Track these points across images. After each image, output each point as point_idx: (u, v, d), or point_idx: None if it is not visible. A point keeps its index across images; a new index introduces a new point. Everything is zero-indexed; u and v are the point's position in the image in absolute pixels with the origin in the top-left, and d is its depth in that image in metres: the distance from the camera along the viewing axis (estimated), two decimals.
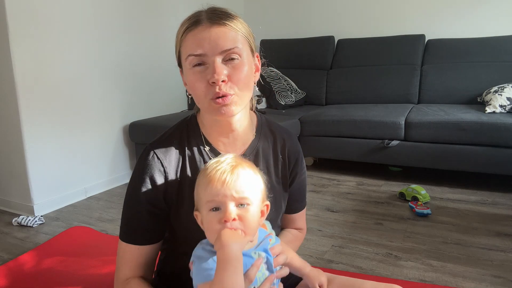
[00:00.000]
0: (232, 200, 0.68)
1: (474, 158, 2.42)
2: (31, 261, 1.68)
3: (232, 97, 0.76)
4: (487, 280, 1.46)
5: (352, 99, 3.32)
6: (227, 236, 0.66)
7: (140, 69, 2.88)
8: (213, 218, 0.69)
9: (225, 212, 0.67)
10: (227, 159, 0.73)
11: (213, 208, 0.69)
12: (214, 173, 0.70)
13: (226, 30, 0.75)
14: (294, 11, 3.88)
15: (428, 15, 3.35)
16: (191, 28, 0.76)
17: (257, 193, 0.72)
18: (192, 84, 0.77)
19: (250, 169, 0.73)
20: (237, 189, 0.68)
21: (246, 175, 0.71)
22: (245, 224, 0.68)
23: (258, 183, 0.74)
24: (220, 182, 0.68)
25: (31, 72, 2.16)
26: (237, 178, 0.69)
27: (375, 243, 1.78)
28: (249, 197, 0.69)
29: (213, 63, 0.74)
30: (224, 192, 0.68)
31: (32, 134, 2.19)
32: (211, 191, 0.69)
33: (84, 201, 2.48)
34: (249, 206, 0.70)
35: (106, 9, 2.60)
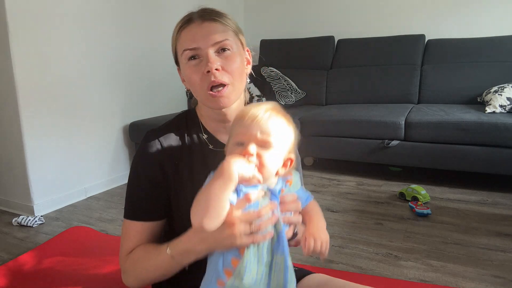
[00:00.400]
0: (256, 139, 0.72)
1: (474, 158, 2.42)
2: (31, 261, 1.68)
3: (227, 87, 0.81)
4: (487, 280, 1.46)
5: (352, 99, 3.32)
6: (232, 157, 0.70)
7: (140, 69, 2.88)
8: (235, 151, 0.73)
9: (246, 147, 0.71)
10: (268, 104, 0.77)
11: (238, 143, 0.73)
12: (248, 111, 0.74)
13: (216, 25, 0.82)
14: (294, 11, 3.88)
15: (428, 15, 3.35)
16: (184, 26, 0.83)
17: (283, 141, 0.74)
18: (189, 77, 0.83)
19: (283, 119, 0.76)
20: (263, 130, 0.72)
21: (276, 121, 0.74)
22: (262, 163, 0.71)
23: (287, 133, 0.76)
24: (250, 120, 0.72)
25: (31, 72, 2.16)
26: (266, 120, 0.72)
27: (375, 243, 1.78)
28: (272, 141, 0.72)
29: (207, 54, 0.80)
30: (251, 130, 0.72)
31: (32, 134, 2.19)
32: (240, 126, 0.73)
33: (84, 201, 2.48)
34: (271, 149, 0.72)
35: (106, 9, 2.60)
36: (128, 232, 0.88)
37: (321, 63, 3.59)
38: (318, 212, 0.84)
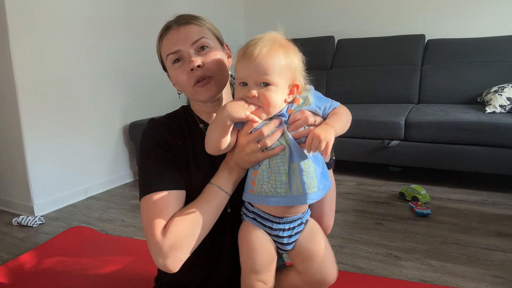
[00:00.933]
0: (255, 79, 0.78)
1: (474, 158, 2.42)
2: (31, 261, 1.68)
3: (211, 79, 0.88)
4: (487, 280, 1.46)
5: (352, 99, 3.32)
6: (230, 105, 0.79)
7: (140, 69, 2.88)
8: (240, 90, 0.80)
9: (249, 90, 0.78)
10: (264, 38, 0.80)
11: (241, 83, 0.80)
12: (245, 49, 0.78)
13: (191, 27, 0.90)
14: (294, 11, 3.88)
15: (428, 15, 3.35)
16: (164, 34, 0.92)
17: (282, 74, 0.78)
18: (177, 78, 0.90)
19: (280, 50, 0.79)
20: (260, 70, 0.76)
21: (273, 58, 0.77)
22: (264, 101, 0.78)
23: (286, 66, 0.79)
24: (247, 60, 0.77)
25: (31, 72, 2.16)
26: (262, 59, 0.76)
27: (375, 243, 1.78)
28: (271, 79, 0.77)
29: (188, 54, 0.88)
30: (249, 71, 0.77)
31: (32, 134, 2.19)
32: (240, 65, 0.79)
33: (84, 201, 2.48)
34: (271, 86, 0.78)
35: (106, 9, 2.60)
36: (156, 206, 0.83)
37: (321, 63, 3.59)
38: (337, 115, 0.86)
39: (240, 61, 0.79)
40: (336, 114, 0.86)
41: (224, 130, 0.80)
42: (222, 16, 3.76)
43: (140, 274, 1.49)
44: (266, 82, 0.77)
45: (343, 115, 0.88)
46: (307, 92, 0.86)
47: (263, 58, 0.76)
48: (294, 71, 0.81)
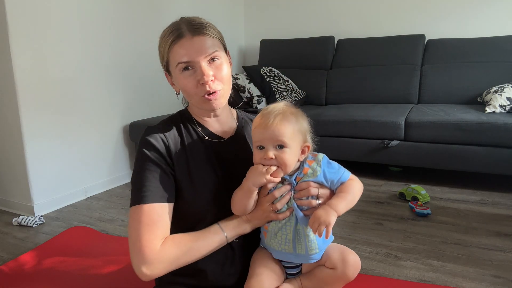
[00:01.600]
0: (271, 142, 0.88)
1: (474, 158, 2.42)
2: (31, 261, 1.68)
3: (220, 92, 0.93)
4: (487, 280, 1.46)
5: (352, 99, 3.32)
6: (250, 172, 0.90)
7: (140, 69, 2.88)
8: (257, 154, 0.90)
9: (266, 153, 0.88)
10: (277, 107, 0.91)
11: (258, 146, 0.90)
12: (261, 118, 0.89)
13: (206, 38, 0.92)
14: (294, 11, 3.88)
15: (428, 15, 3.35)
16: (176, 41, 0.92)
17: (295, 137, 0.89)
18: (184, 85, 0.93)
19: (292, 118, 0.89)
20: (275, 135, 0.87)
21: (285, 124, 0.87)
22: (281, 162, 0.88)
23: (298, 130, 0.90)
24: (263, 127, 0.88)
25: (31, 72, 2.16)
26: (277, 126, 0.86)
27: (375, 243, 1.78)
28: (286, 141, 0.87)
29: (200, 67, 0.90)
30: (266, 136, 0.88)
31: (32, 134, 2.19)
32: (258, 132, 0.89)
33: (84, 201, 2.48)
34: (286, 148, 0.88)
35: (106, 9, 2.60)
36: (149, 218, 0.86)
37: (321, 63, 3.59)
38: (343, 193, 0.91)
39: (257, 128, 0.89)
40: (342, 192, 0.92)
41: (250, 196, 0.91)
42: (222, 16, 3.76)
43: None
44: (281, 144, 0.87)
45: (349, 193, 0.92)
46: (317, 164, 0.94)
47: (278, 124, 0.87)
48: (305, 133, 0.92)
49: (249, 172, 0.91)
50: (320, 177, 0.92)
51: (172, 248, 0.87)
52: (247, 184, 0.90)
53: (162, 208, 0.89)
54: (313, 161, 0.94)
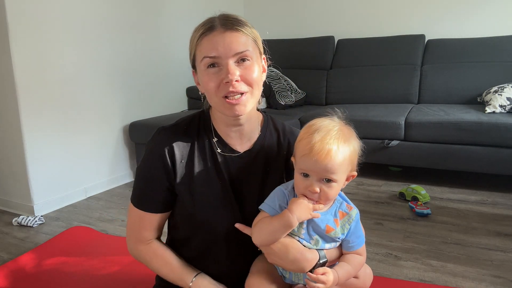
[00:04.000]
0: (320, 175, 0.80)
1: (474, 158, 2.42)
2: (31, 261, 1.68)
3: (245, 95, 0.84)
4: (487, 280, 1.46)
5: (352, 99, 3.32)
6: (296, 206, 0.81)
7: (140, 69, 2.88)
8: (301, 181, 0.82)
9: (311, 185, 0.81)
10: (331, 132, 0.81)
11: (303, 173, 0.82)
12: (313, 145, 0.79)
13: (238, 35, 0.83)
14: (294, 11, 3.88)
15: (428, 15, 3.35)
16: (206, 33, 0.84)
17: (345, 169, 0.82)
18: (206, 83, 0.85)
19: (346, 146, 0.81)
20: (327, 168, 0.79)
21: (340, 157, 0.79)
22: (324, 197, 0.82)
23: (350, 158, 0.82)
24: (315, 157, 0.78)
25: (31, 72, 2.16)
26: (331, 159, 0.78)
27: (375, 243, 1.78)
28: (335, 177, 0.80)
29: (227, 65, 0.82)
30: (316, 167, 0.79)
31: (32, 134, 2.19)
32: (305, 161, 0.80)
33: (84, 201, 2.48)
34: (334, 183, 0.81)
35: (106, 9, 2.60)
36: (135, 218, 0.97)
37: (321, 63, 3.59)
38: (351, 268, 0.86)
39: (307, 156, 0.79)
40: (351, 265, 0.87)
41: (289, 229, 0.82)
42: None
43: (140, 274, 1.49)
44: (330, 179, 0.80)
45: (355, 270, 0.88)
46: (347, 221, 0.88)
47: (331, 158, 0.78)
48: (354, 162, 0.84)
49: (294, 206, 0.81)
50: (343, 236, 0.87)
51: (147, 257, 0.98)
52: (292, 218, 0.80)
53: (149, 217, 0.95)
54: (346, 215, 0.87)
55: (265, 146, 0.97)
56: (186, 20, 3.18)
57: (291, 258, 0.82)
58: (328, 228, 0.85)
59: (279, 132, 1.01)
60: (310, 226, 0.85)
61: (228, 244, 0.95)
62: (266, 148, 0.97)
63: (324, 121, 0.84)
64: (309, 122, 0.86)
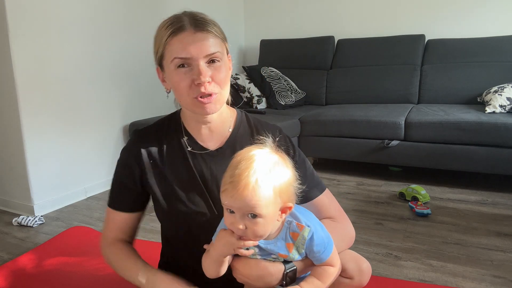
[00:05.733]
0: (243, 211, 0.74)
1: (474, 158, 2.42)
2: (31, 261, 1.68)
3: (216, 95, 0.85)
4: (487, 280, 1.46)
5: (352, 99, 3.32)
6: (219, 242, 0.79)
7: (140, 69, 2.88)
8: (227, 217, 0.77)
9: (235, 222, 0.75)
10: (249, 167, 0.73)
11: (228, 210, 0.76)
12: (231, 182, 0.73)
13: (209, 36, 0.84)
14: (294, 11, 3.88)
15: (428, 15, 3.35)
16: (176, 33, 0.83)
17: (274, 203, 0.74)
18: (176, 83, 0.85)
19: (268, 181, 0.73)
20: (245, 205, 0.72)
21: (263, 189, 0.72)
22: (251, 233, 0.75)
23: (278, 191, 0.74)
24: (231, 194, 0.73)
25: (31, 72, 2.16)
26: (248, 195, 0.71)
27: (375, 243, 1.78)
28: (260, 212, 0.73)
29: (198, 66, 0.82)
30: (235, 204, 0.73)
31: (32, 134, 2.19)
32: (224, 198, 0.75)
33: (84, 201, 2.48)
34: (259, 219, 0.74)
35: (106, 9, 2.60)
36: (107, 219, 1.02)
37: (321, 63, 3.59)
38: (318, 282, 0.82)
39: (226, 192, 0.73)
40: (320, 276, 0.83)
41: (221, 265, 0.81)
42: (222, 16, 3.76)
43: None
44: (254, 214, 0.73)
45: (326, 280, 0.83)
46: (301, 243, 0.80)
47: (249, 193, 0.71)
48: (286, 193, 0.76)
49: (217, 240, 0.79)
50: (301, 256, 0.82)
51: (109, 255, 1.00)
52: (214, 254, 0.79)
53: (114, 214, 1.00)
54: (298, 235, 0.80)
55: (238, 142, 0.96)
56: None
57: (255, 276, 0.81)
58: (281, 256, 0.82)
59: (253, 128, 1.00)
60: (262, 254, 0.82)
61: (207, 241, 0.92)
62: (240, 144, 0.95)
63: (250, 150, 0.77)
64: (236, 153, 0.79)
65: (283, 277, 0.81)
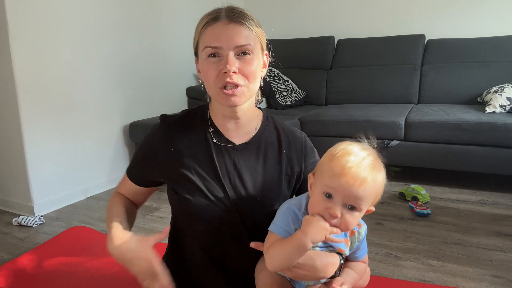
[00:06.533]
0: (346, 201, 0.74)
1: (474, 158, 2.42)
2: (31, 261, 1.68)
3: (241, 88, 0.85)
4: (487, 280, 1.46)
5: (352, 99, 3.32)
6: (312, 228, 0.73)
7: (140, 69, 2.88)
8: (322, 201, 0.76)
9: (333, 208, 0.74)
10: (367, 159, 0.76)
11: (326, 193, 0.75)
12: (349, 170, 0.73)
13: (241, 28, 0.85)
14: (294, 11, 3.88)
15: (428, 15, 3.35)
16: (210, 23, 0.85)
17: (370, 201, 0.77)
18: (205, 72, 0.87)
19: (378, 179, 0.76)
20: (356, 196, 0.74)
21: (373, 186, 0.75)
22: (344, 224, 0.76)
23: (377, 193, 0.78)
24: (349, 183, 0.73)
25: (31, 72, 2.16)
26: (365, 187, 0.73)
27: (375, 243, 1.78)
28: (361, 206, 0.75)
29: (227, 55, 0.83)
30: (344, 191, 0.74)
31: (32, 134, 2.19)
32: (336, 182, 0.74)
33: (84, 201, 2.48)
34: (356, 212, 0.76)
35: (106, 9, 2.60)
36: (123, 179, 1.07)
37: (321, 63, 3.59)
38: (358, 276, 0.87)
39: (338, 178, 0.74)
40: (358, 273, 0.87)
41: (304, 252, 0.75)
42: None
43: None
44: (355, 206, 0.75)
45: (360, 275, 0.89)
46: (357, 238, 0.86)
47: (365, 187, 0.73)
48: (378, 196, 0.80)
49: (308, 226, 0.74)
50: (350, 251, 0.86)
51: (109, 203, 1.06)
52: (304, 240, 0.73)
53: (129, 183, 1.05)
54: (355, 233, 0.85)
55: (263, 141, 0.97)
56: (187, 20, 3.18)
57: (319, 267, 0.79)
58: (340, 250, 0.84)
59: (279, 131, 1.01)
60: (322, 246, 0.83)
61: (222, 234, 0.94)
62: (264, 144, 0.97)
63: (357, 146, 0.80)
64: (339, 144, 0.82)
65: (339, 267, 0.83)
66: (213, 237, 0.94)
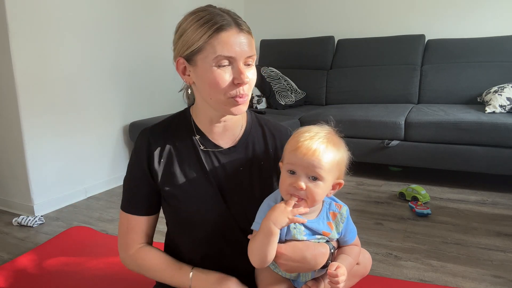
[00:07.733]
0: (306, 172, 0.80)
1: (474, 158, 2.42)
2: (31, 261, 1.68)
3: (247, 97, 0.87)
4: (487, 280, 1.46)
5: (352, 99, 3.32)
6: (274, 212, 0.79)
7: (140, 69, 2.88)
8: (286, 178, 0.82)
9: (297, 181, 0.80)
10: (321, 133, 0.83)
11: (290, 170, 0.81)
12: (303, 142, 0.80)
13: (250, 38, 0.85)
14: (294, 11, 3.88)
15: (428, 15, 3.35)
16: (221, 30, 0.81)
17: (333, 172, 0.82)
18: (215, 80, 0.82)
19: (335, 150, 0.82)
20: (314, 164, 0.79)
21: (328, 156, 0.80)
22: (310, 195, 0.80)
23: (338, 162, 0.83)
24: (303, 153, 0.79)
25: (31, 72, 2.16)
26: (318, 156, 0.79)
27: (375, 243, 1.78)
28: (322, 175, 0.80)
29: (239, 65, 0.83)
30: (303, 163, 0.79)
31: (32, 134, 2.19)
32: (293, 156, 0.80)
33: (84, 201, 2.48)
34: (320, 182, 0.80)
35: (106, 9, 2.60)
36: (125, 224, 0.97)
37: (321, 63, 3.59)
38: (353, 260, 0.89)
39: (295, 152, 0.80)
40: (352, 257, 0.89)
41: (271, 240, 0.79)
42: None
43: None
44: (316, 176, 0.80)
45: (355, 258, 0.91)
46: (340, 219, 0.88)
47: (319, 154, 0.79)
48: (342, 169, 0.85)
49: (270, 211, 0.80)
50: (339, 235, 0.88)
51: (139, 261, 0.96)
52: (268, 225, 0.78)
53: (136, 219, 0.96)
54: (337, 214, 0.88)
55: (250, 141, 0.97)
56: None
57: (309, 257, 0.82)
58: (324, 233, 0.86)
59: (264, 128, 1.01)
60: (308, 231, 0.85)
61: (220, 239, 0.94)
62: (252, 144, 0.97)
63: (314, 126, 0.86)
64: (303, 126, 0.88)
65: (329, 256, 0.85)
66: (210, 243, 0.94)
